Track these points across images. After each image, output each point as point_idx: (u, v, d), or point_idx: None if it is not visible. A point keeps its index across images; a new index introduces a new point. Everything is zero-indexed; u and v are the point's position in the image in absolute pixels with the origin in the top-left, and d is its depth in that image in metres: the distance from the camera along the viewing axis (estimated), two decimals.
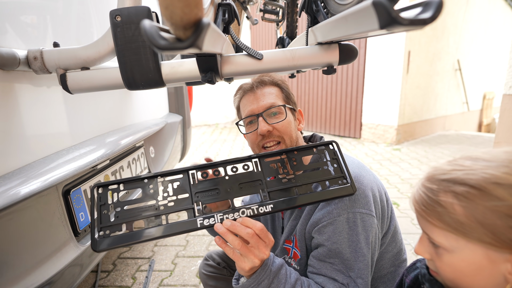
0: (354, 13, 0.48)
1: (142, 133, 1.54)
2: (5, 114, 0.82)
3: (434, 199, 0.52)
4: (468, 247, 0.50)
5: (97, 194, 0.71)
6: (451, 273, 0.53)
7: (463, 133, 6.45)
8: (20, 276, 0.79)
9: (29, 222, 0.83)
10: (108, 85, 0.82)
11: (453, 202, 0.49)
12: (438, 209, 0.51)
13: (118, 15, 0.69)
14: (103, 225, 0.68)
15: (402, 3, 0.63)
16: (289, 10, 1.33)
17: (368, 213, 0.86)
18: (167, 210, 0.71)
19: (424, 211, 0.53)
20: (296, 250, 0.97)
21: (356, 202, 0.85)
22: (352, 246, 0.84)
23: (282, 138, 0.97)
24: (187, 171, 0.76)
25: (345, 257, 0.84)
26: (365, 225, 0.85)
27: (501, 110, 2.01)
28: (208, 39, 0.43)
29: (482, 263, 0.49)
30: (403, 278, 0.71)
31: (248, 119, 1.01)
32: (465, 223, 0.48)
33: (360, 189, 0.87)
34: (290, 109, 1.01)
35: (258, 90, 1.00)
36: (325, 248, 0.85)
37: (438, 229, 0.52)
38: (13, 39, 0.86)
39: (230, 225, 0.70)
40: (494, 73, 8.40)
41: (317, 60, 0.79)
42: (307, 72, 6.30)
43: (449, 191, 0.50)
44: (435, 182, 0.53)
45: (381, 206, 0.91)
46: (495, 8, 7.68)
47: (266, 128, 0.95)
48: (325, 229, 0.85)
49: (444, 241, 0.52)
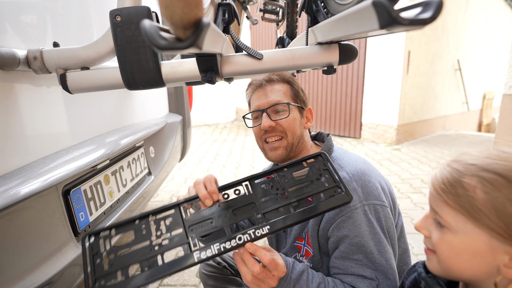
0: (354, 13, 0.48)
1: (142, 133, 1.54)
2: (5, 114, 0.82)
3: (457, 179, 0.53)
4: (474, 232, 0.51)
5: (89, 244, 0.68)
6: (447, 252, 0.55)
7: (463, 133, 6.45)
8: (20, 276, 0.79)
9: (29, 222, 0.83)
10: (108, 85, 0.82)
11: (476, 186, 0.50)
12: (459, 190, 0.52)
13: (118, 15, 0.69)
14: (98, 275, 0.65)
15: (402, 3, 0.63)
16: (289, 10, 1.33)
17: (382, 204, 0.87)
18: (162, 249, 0.69)
19: (442, 189, 0.54)
20: (308, 247, 0.97)
21: (369, 194, 0.87)
22: (374, 238, 0.84)
23: (285, 134, 0.99)
24: (178, 206, 0.75)
25: (369, 250, 0.84)
26: (380, 216, 0.86)
27: (501, 110, 2.02)
28: (208, 39, 0.43)
29: (482, 250, 0.51)
30: (404, 281, 0.71)
31: (255, 114, 1.04)
32: (481, 209, 0.50)
33: (370, 182, 0.89)
34: (297, 107, 1.02)
35: (267, 87, 1.02)
36: (347, 243, 0.85)
37: (450, 208, 0.53)
38: (13, 39, 0.86)
39: (239, 262, 0.70)
40: (494, 73, 8.39)
41: (317, 60, 0.79)
42: (307, 72, 6.30)
43: (475, 175, 0.51)
44: (463, 165, 0.54)
45: (391, 198, 0.93)
46: (495, 8, 7.68)
47: (268, 124, 0.98)
48: (344, 223, 0.86)
49: (452, 221, 0.53)
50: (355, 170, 0.91)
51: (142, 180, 1.60)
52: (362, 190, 0.87)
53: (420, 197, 2.98)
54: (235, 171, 4.00)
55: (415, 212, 2.66)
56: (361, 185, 0.88)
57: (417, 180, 3.48)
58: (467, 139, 5.68)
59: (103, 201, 1.22)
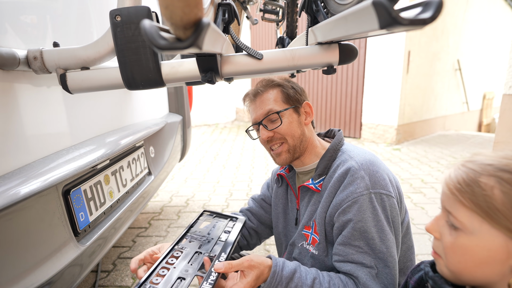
0: (354, 13, 0.48)
1: (142, 133, 1.54)
2: (5, 114, 0.82)
3: (474, 179, 0.52)
4: (490, 233, 0.50)
5: None
6: (460, 256, 0.53)
7: (463, 133, 6.45)
8: (20, 276, 0.79)
9: (29, 222, 0.83)
10: (108, 85, 0.82)
11: (494, 186, 0.50)
12: (475, 190, 0.51)
13: (118, 15, 0.69)
14: None
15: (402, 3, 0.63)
16: (289, 10, 1.32)
17: (388, 194, 0.89)
18: None
19: (458, 189, 0.53)
20: (315, 235, 0.98)
21: (377, 183, 0.89)
22: (377, 225, 0.85)
23: (285, 139, 1.02)
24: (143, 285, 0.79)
25: (370, 236, 0.85)
26: (386, 205, 0.87)
27: (501, 110, 2.01)
28: (208, 39, 0.43)
29: (497, 252, 0.50)
30: (408, 280, 0.71)
31: (255, 127, 1.09)
32: (499, 209, 0.49)
33: (378, 173, 0.91)
34: (292, 109, 1.03)
35: (257, 98, 1.05)
36: (350, 228, 0.87)
37: (466, 209, 0.52)
38: (13, 39, 0.86)
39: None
40: (494, 73, 8.39)
41: (317, 60, 0.79)
42: (307, 72, 6.30)
43: (493, 176, 0.50)
44: (479, 165, 0.53)
45: (398, 192, 0.94)
46: (495, 8, 7.68)
47: (266, 135, 1.02)
48: (349, 208, 0.87)
49: (467, 221, 0.52)
50: (364, 160, 0.93)
51: (142, 180, 1.60)
52: (369, 178, 0.89)
53: (420, 197, 2.98)
54: (235, 171, 4.00)
55: (415, 212, 2.66)
56: (369, 174, 0.90)
57: (417, 180, 3.48)
58: (469, 141, 5.69)
59: (103, 201, 1.22)
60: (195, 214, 2.73)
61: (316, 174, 0.99)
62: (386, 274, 0.84)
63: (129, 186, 1.44)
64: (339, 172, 0.93)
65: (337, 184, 0.92)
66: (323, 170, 0.98)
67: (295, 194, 1.10)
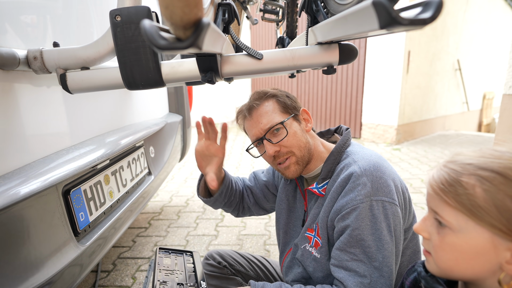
0: (354, 13, 0.48)
1: (142, 133, 1.54)
2: (5, 114, 0.82)
3: (456, 179, 0.53)
4: (476, 230, 0.51)
5: None
6: (449, 253, 0.55)
7: (463, 133, 6.45)
8: (20, 276, 0.79)
9: (29, 222, 0.83)
10: (108, 85, 0.82)
11: (475, 185, 0.51)
12: (458, 189, 0.52)
13: (118, 15, 0.69)
14: None
15: (402, 3, 0.63)
16: (289, 10, 1.32)
17: (391, 201, 0.86)
18: None
19: (441, 189, 0.55)
20: (317, 238, 0.97)
21: (379, 190, 0.86)
22: (375, 234, 0.84)
23: (292, 152, 0.99)
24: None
25: (367, 244, 0.83)
26: (388, 213, 0.85)
27: (501, 110, 2.02)
28: (208, 39, 0.43)
29: (484, 248, 0.51)
30: (403, 281, 0.71)
31: (256, 143, 1.04)
32: (481, 206, 0.50)
33: (382, 178, 0.87)
34: (292, 118, 1.01)
35: (254, 113, 1.01)
36: (347, 235, 0.85)
37: (451, 208, 0.53)
38: (13, 39, 0.86)
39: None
40: (494, 73, 8.39)
41: (317, 60, 0.79)
42: (307, 72, 6.30)
43: (473, 174, 0.52)
44: (460, 165, 0.54)
45: (403, 198, 0.91)
46: (495, 8, 7.68)
47: (273, 150, 0.98)
48: (348, 215, 0.86)
49: (453, 220, 0.53)
50: (368, 164, 0.90)
51: (142, 180, 1.60)
52: (372, 185, 0.86)
53: (420, 197, 2.98)
54: (235, 171, 4.00)
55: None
56: (372, 180, 0.87)
57: (417, 180, 3.48)
58: (467, 139, 5.69)
59: (103, 201, 1.22)
60: (195, 214, 2.73)
61: (320, 178, 0.97)
62: (380, 284, 0.82)
63: (129, 186, 1.44)
64: (342, 177, 0.91)
65: (339, 189, 0.91)
66: (327, 174, 0.97)
67: (303, 196, 1.10)
